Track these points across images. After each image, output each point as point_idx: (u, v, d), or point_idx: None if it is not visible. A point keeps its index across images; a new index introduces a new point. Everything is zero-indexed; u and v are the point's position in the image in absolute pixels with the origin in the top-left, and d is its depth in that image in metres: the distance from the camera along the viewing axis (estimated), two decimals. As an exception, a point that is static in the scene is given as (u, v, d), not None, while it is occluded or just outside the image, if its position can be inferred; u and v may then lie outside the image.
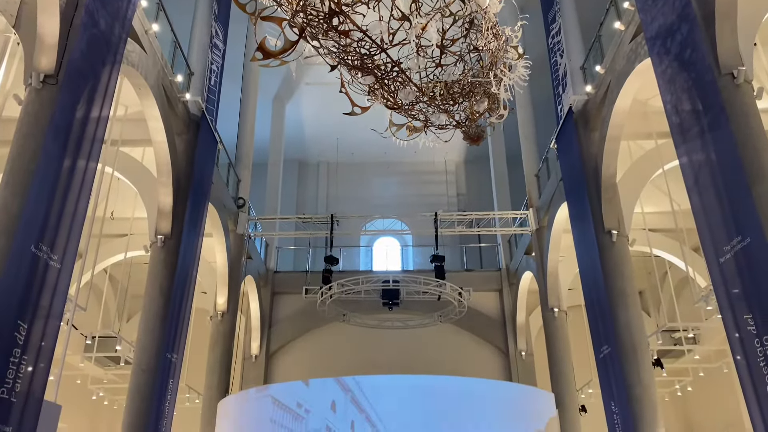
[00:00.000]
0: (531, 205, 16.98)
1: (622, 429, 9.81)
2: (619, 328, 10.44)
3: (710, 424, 17.23)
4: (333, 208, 22.59)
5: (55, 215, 6.78)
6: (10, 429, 5.87)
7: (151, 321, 10.86)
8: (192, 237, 11.66)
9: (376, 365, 18.35)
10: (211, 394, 14.53)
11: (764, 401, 5.99)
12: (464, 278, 19.02)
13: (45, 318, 6.49)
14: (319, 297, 16.18)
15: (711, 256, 6.90)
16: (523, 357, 18.66)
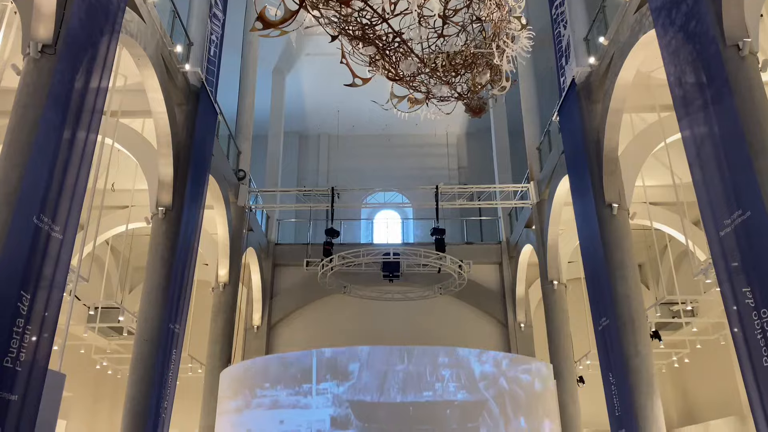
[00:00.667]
0: (532, 178, 16.96)
1: (620, 399, 9.95)
2: (618, 301, 10.50)
3: (706, 395, 17.45)
4: (333, 181, 22.57)
5: (55, 186, 6.78)
6: (16, 397, 5.96)
7: (153, 292, 10.93)
8: (193, 209, 11.67)
9: (377, 337, 18.52)
10: (213, 363, 14.70)
11: (760, 372, 6.07)
12: (464, 251, 19.09)
13: (48, 288, 6.54)
14: (320, 269, 16.27)
15: (711, 229, 6.91)
16: (522, 329, 18.83)
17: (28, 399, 6.14)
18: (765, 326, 5.98)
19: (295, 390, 9.59)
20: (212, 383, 14.10)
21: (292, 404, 9.60)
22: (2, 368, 5.82)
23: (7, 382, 5.86)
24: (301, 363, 9.63)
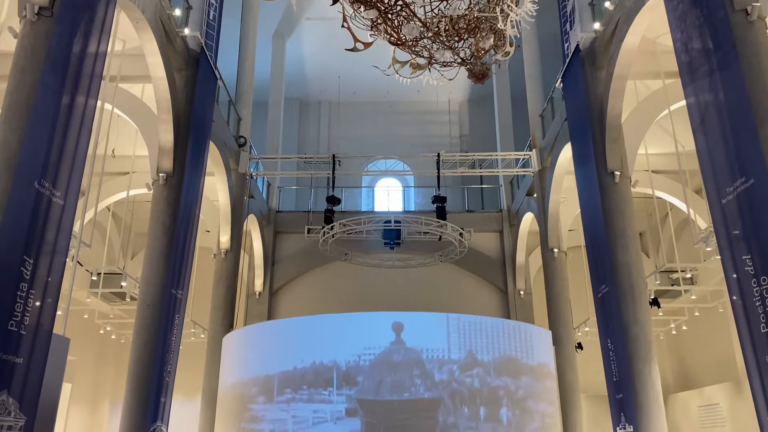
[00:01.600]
0: (534, 146, 16.88)
1: (618, 365, 10.07)
2: (618, 268, 10.55)
3: (702, 362, 17.68)
4: (334, 149, 22.49)
5: (56, 152, 6.76)
6: (21, 360, 6.04)
7: (155, 258, 10.99)
8: (194, 175, 11.65)
9: (377, 303, 18.68)
10: (216, 329, 14.86)
11: (758, 339, 6.13)
12: (465, 219, 19.11)
13: (50, 254, 6.58)
14: (321, 236, 16.31)
15: (713, 197, 6.90)
16: (521, 296, 18.98)
17: (34, 362, 6.23)
18: (764, 293, 6.02)
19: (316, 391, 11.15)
20: (215, 348, 14.26)
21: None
22: (7, 332, 5.89)
23: (12, 345, 5.93)
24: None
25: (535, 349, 11.75)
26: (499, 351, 11.30)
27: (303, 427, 10.65)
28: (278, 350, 11.47)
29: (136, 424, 9.99)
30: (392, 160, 22.71)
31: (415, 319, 11.52)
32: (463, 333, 11.19)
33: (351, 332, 11.28)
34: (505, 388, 11.14)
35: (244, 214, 16.41)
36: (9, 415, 5.88)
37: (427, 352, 11.05)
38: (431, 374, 10.90)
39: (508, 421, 10.88)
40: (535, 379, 11.51)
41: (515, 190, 19.99)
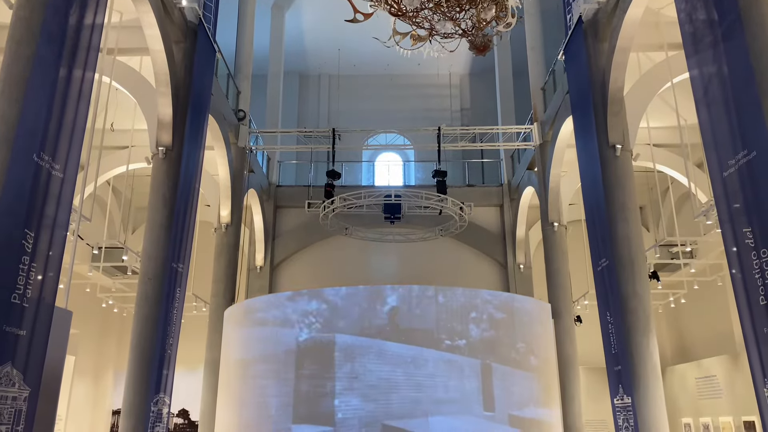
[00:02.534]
0: (536, 120, 16.78)
1: (616, 338, 10.15)
2: (618, 242, 10.56)
3: (700, 335, 17.82)
4: (334, 122, 22.35)
5: (54, 124, 6.72)
6: (24, 332, 6.09)
7: (156, 231, 11.00)
8: (193, 149, 11.60)
9: (378, 277, 18.77)
10: (217, 302, 14.96)
11: (757, 311, 6.16)
12: (466, 193, 19.10)
13: (51, 228, 6.58)
14: (322, 211, 16.32)
15: (715, 170, 6.87)
16: (521, 270, 19.05)
17: (37, 334, 6.27)
18: (764, 266, 6.04)
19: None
20: (216, 321, 14.38)
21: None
22: (10, 304, 5.92)
23: (15, 317, 5.97)
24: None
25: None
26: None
27: (306, 400, 10.78)
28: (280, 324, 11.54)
29: (140, 396, 10.11)
30: (392, 135, 22.61)
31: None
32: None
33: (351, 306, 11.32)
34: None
35: (244, 188, 16.39)
36: (13, 386, 5.94)
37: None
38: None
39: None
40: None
41: (516, 164, 19.93)
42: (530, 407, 10.91)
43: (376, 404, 10.36)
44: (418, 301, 11.06)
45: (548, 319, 12.27)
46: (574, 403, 14.00)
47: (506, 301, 11.62)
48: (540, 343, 11.62)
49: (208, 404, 14.01)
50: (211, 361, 14.29)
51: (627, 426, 9.77)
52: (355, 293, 11.40)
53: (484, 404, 10.55)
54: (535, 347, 11.40)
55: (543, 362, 11.44)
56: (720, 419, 15.32)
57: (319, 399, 10.70)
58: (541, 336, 11.77)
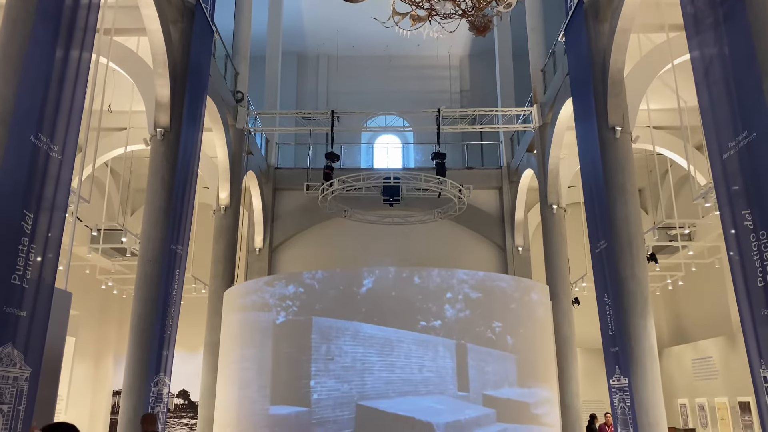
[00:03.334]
0: (535, 101, 16.71)
1: (614, 319, 10.21)
2: (617, 224, 10.58)
3: (697, 316, 17.93)
4: (333, 104, 22.25)
5: (51, 105, 6.69)
6: (25, 313, 6.11)
7: (155, 213, 11.00)
8: (191, 130, 11.56)
9: (377, 259, 18.81)
10: (216, 284, 15.00)
11: (754, 293, 6.19)
12: (465, 176, 19.08)
13: (50, 210, 6.58)
14: (321, 193, 16.30)
15: (714, 152, 6.86)
16: (519, 252, 19.10)
17: (37, 315, 6.30)
18: (762, 248, 6.05)
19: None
20: (216, 303, 14.44)
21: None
22: (10, 285, 5.93)
23: (15, 298, 5.99)
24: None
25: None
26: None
27: (283, 381, 10.90)
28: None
29: (140, 376, 10.18)
30: (391, 116, 22.52)
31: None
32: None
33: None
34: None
35: (242, 170, 16.35)
36: (14, 366, 5.98)
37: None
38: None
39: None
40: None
41: (515, 147, 19.89)
42: (505, 387, 10.95)
43: (351, 385, 10.53)
44: (394, 283, 11.13)
45: (530, 296, 12.01)
46: (571, 383, 14.12)
47: (482, 280, 11.50)
48: (519, 322, 11.47)
49: (207, 385, 14.12)
50: (210, 343, 14.37)
51: (623, 406, 9.87)
52: (331, 276, 11.51)
53: (459, 384, 10.64)
54: (513, 327, 11.32)
55: (523, 342, 11.34)
56: (715, 400, 15.47)
57: (296, 380, 10.88)
58: (521, 315, 11.58)
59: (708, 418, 15.85)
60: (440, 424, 10.28)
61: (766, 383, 6.10)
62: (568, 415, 13.72)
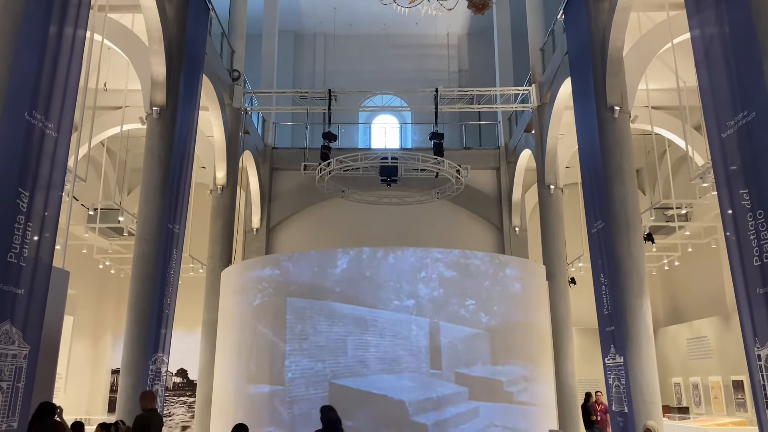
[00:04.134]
0: (534, 81, 16.62)
1: (610, 299, 10.26)
2: (614, 204, 10.58)
3: (692, 296, 18.04)
4: (330, 84, 22.05)
5: (46, 82, 6.63)
6: (22, 291, 6.11)
7: (151, 192, 10.96)
8: (188, 109, 11.48)
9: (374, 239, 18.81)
10: (214, 263, 15.02)
11: (750, 272, 6.22)
12: (462, 156, 19.02)
13: (46, 188, 6.55)
14: (318, 173, 16.25)
15: (713, 131, 6.85)
16: (516, 232, 19.13)
17: (35, 294, 6.31)
18: (759, 227, 6.07)
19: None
20: (214, 282, 14.47)
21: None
22: (7, 263, 5.93)
23: (12, 276, 5.99)
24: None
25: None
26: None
27: (260, 361, 11.08)
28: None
29: (138, 354, 10.23)
30: (389, 96, 22.37)
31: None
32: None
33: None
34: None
35: (239, 149, 16.28)
36: (13, 344, 6.00)
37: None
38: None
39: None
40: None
41: (513, 127, 19.82)
42: (479, 365, 11.01)
43: (324, 364, 10.66)
44: (369, 263, 11.18)
45: (504, 273, 11.96)
46: (567, 362, 14.24)
47: (457, 258, 11.51)
48: (493, 299, 11.45)
49: (205, 364, 14.20)
50: (208, 322, 14.43)
51: (618, 384, 9.97)
52: (306, 257, 11.63)
53: (431, 362, 10.73)
54: (487, 304, 11.32)
55: (497, 319, 11.35)
56: (709, 379, 15.62)
57: (271, 360, 11.07)
58: (495, 292, 11.55)
59: (702, 396, 16.03)
60: (412, 401, 10.40)
61: (760, 361, 6.16)
62: (563, 394, 13.86)
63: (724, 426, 12.32)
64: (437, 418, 10.40)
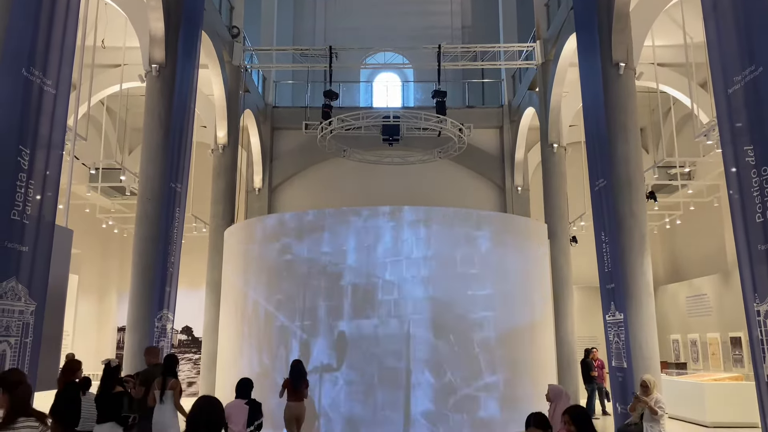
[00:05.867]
0: (538, 37, 16.34)
1: (611, 257, 10.30)
2: (617, 162, 10.54)
3: (693, 255, 18.11)
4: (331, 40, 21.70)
5: (43, 39, 6.51)
6: (27, 248, 6.15)
7: (153, 151, 10.93)
8: (187, 66, 11.33)
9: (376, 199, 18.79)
10: (216, 222, 15.08)
11: (752, 229, 6.22)
12: (465, 114, 18.85)
13: (46, 147, 6.51)
14: (319, 132, 16.14)
15: (719, 87, 6.75)
16: (518, 192, 19.11)
17: (39, 251, 6.34)
18: (763, 184, 6.04)
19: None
20: (217, 241, 14.54)
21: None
22: (10, 221, 5.95)
23: (16, 233, 6.02)
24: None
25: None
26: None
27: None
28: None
29: (143, 312, 10.37)
30: (391, 54, 22.04)
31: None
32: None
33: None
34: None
35: (240, 108, 16.14)
36: (19, 300, 6.06)
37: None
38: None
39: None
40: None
41: (517, 85, 19.58)
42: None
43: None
44: (368, 223, 11.26)
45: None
46: (567, 320, 14.41)
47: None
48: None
49: (210, 322, 14.39)
50: (212, 281, 14.56)
51: (617, 341, 10.10)
52: (305, 217, 11.75)
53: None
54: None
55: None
56: (707, 335, 15.82)
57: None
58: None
59: (699, 352, 16.25)
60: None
61: (759, 317, 6.21)
62: (563, 351, 14.06)
63: (720, 381, 12.53)
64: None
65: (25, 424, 3.82)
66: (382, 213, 11.29)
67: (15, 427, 3.79)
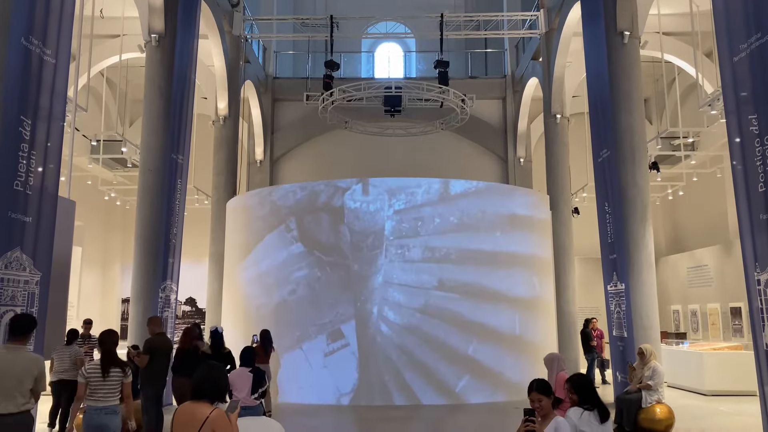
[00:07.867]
0: (542, 6, 16.10)
1: (613, 227, 10.32)
2: (620, 132, 10.48)
3: (695, 225, 18.12)
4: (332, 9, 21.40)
5: (41, 7, 6.44)
6: (30, 219, 6.17)
7: (154, 122, 10.89)
8: (187, 36, 11.22)
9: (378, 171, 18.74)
10: (219, 194, 15.09)
11: (754, 198, 6.21)
12: (468, 85, 18.68)
13: (47, 118, 6.48)
14: (321, 103, 16.03)
15: (725, 55, 6.68)
16: (521, 163, 19.04)
17: (42, 222, 6.37)
18: (766, 153, 6.02)
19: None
20: (219, 213, 14.57)
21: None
22: (13, 191, 5.95)
23: (20, 204, 6.03)
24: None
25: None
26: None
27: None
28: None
29: (147, 283, 10.45)
30: (393, 23, 21.74)
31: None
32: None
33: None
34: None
35: (240, 79, 16.02)
36: (24, 270, 6.11)
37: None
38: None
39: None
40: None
41: (520, 55, 19.36)
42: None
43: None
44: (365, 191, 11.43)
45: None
46: (568, 290, 14.49)
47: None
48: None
49: (213, 293, 14.51)
50: (215, 252, 14.64)
51: (618, 311, 10.17)
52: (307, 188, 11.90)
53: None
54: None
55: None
56: (708, 306, 15.90)
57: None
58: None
59: (699, 323, 16.36)
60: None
61: (759, 286, 6.24)
62: (563, 321, 14.17)
63: (720, 350, 12.63)
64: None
65: (113, 372, 5.26)
66: (382, 186, 11.34)
67: (109, 374, 5.23)
